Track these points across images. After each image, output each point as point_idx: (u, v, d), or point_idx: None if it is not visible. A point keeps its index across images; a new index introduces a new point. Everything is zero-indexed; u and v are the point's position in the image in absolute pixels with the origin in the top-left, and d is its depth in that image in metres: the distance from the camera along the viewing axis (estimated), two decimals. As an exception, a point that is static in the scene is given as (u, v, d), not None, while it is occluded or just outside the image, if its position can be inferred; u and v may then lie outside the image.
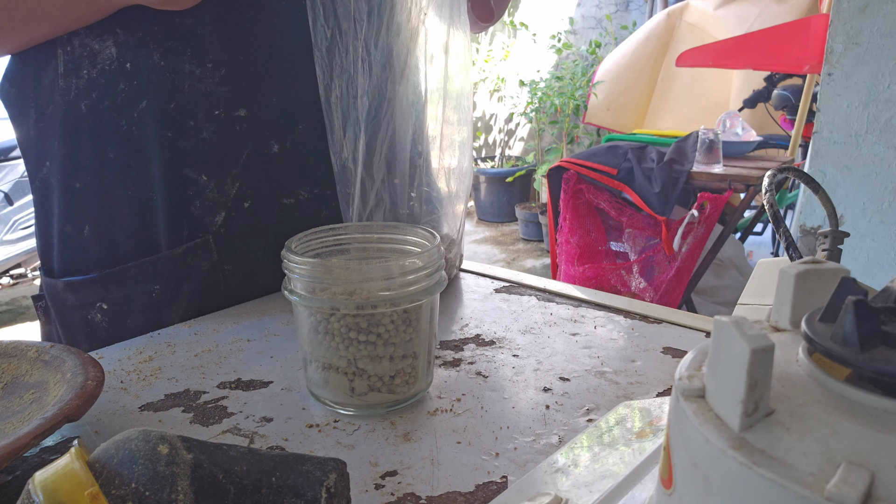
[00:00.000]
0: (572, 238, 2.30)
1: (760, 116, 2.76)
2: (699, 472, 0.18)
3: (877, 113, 1.23)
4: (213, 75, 0.59)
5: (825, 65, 1.27)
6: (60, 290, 0.64)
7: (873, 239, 1.28)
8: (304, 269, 0.41)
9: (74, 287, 0.63)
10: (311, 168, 0.65)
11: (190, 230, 0.62)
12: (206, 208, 0.62)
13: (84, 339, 0.64)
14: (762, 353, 0.17)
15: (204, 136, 0.60)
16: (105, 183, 0.61)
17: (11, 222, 3.20)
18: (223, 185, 0.62)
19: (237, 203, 0.62)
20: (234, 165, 0.61)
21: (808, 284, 0.22)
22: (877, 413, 0.17)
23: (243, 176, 0.62)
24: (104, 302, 0.63)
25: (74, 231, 0.63)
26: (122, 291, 0.62)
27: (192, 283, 0.63)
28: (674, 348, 0.51)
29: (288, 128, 0.63)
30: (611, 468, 0.32)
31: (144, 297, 0.62)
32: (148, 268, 0.62)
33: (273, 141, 0.62)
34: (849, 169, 1.28)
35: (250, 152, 0.62)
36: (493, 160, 4.69)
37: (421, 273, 0.41)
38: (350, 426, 0.42)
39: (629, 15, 4.30)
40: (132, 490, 0.23)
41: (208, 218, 0.62)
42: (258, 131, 0.62)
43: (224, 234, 0.63)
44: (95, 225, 0.62)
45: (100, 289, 0.62)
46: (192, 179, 0.60)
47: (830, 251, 0.36)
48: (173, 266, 0.62)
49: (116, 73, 0.58)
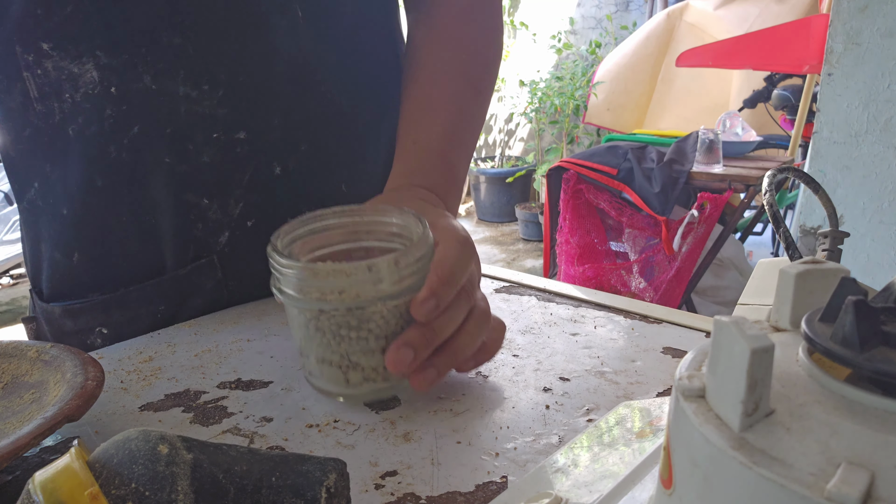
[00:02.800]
0: (572, 238, 2.30)
1: (760, 116, 2.76)
2: (699, 472, 0.18)
3: (877, 113, 1.23)
4: (210, 97, 0.57)
5: (825, 65, 1.27)
6: (58, 315, 0.62)
7: (873, 239, 1.28)
8: (291, 272, 0.41)
9: (73, 313, 0.61)
10: (314, 188, 0.64)
11: (195, 251, 0.61)
12: (209, 230, 0.61)
13: None
14: (762, 353, 0.17)
15: (204, 159, 0.58)
16: (92, 211, 0.58)
17: (11, 222, 3.19)
18: (226, 206, 0.60)
19: (240, 222, 0.61)
20: (236, 187, 0.60)
21: (808, 284, 0.22)
22: (877, 413, 0.17)
23: (246, 196, 0.61)
24: (104, 326, 0.61)
25: (63, 258, 0.61)
26: (125, 314, 0.61)
27: (197, 301, 0.62)
28: (674, 348, 0.51)
29: (290, 149, 0.61)
30: (611, 468, 0.32)
31: (148, 318, 0.61)
32: (152, 290, 0.61)
33: (275, 163, 0.61)
34: (848, 169, 1.28)
35: (252, 175, 0.60)
36: (493, 160, 4.69)
37: (410, 269, 0.41)
38: (350, 426, 0.42)
39: (629, 15, 4.30)
40: (132, 490, 0.23)
41: (212, 239, 0.61)
42: (259, 153, 0.60)
43: (229, 252, 0.62)
44: (86, 252, 0.60)
45: (100, 313, 0.61)
46: (194, 203, 0.59)
47: (830, 251, 0.36)
48: (178, 286, 0.61)
49: (101, 98, 0.55)
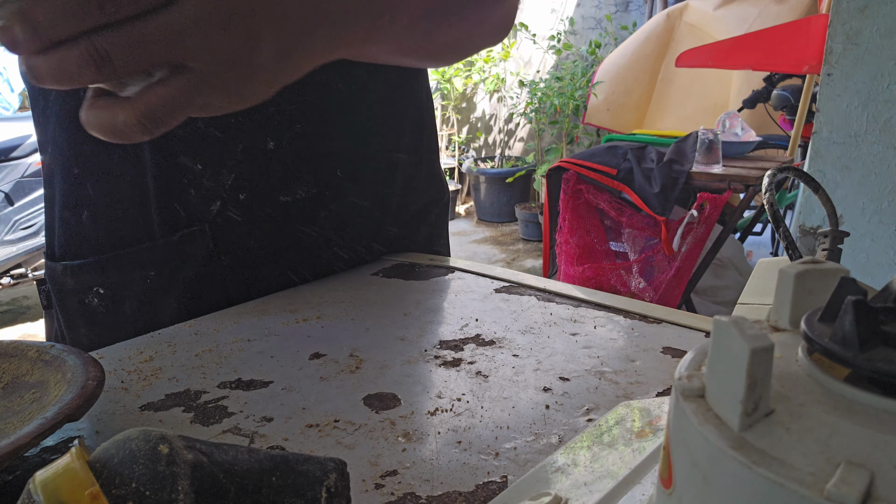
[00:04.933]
0: (572, 238, 2.30)
1: (760, 117, 2.76)
2: (699, 472, 0.18)
3: (876, 113, 1.23)
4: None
5: (825, 65, 1.27)
6: (59, 273, 0.65)
7: (873, 239, 1.28)
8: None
9: (73, 271, 0.64)
10: (308, 169, 0.65)
11: (187, 218, 0.62)
12: (202, 197, 0.62)
13: (82, 323, 0.65)
14: (762, 353, 0.17)
15: (199, 125, 0.60)
16: (104, 168, 0.61)
17: (12, 222, 3.19)
18: (219, 174, 0.62)
19: (233, 194, 0.62)
20: (229, 157, 0.61)
21: (808, 284, 0.22)
22: (876, 413, 0.17)
23: (238, 168, 0.62)
24: (101, 287, 0.63)
25: (73, 216, 0.63)
26: (119, 277, 0.63)
27: (188, 271, 0.63)
28: (673, 348, 0.52)
29: (285, 126, 0.63)
30: (610, 468, 0.32)
31: (140, 282, 0.63)
32: (144, 254, 0.62)
33: (269, 138, 0.62)
34: (848, 169, 1.28)
35: (245, 146, 0.62)
36: (493, 160, 4.69)
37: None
38: (350, 426, 0.42)
39: (629, 15, 4.30)
40: (132, 490, 0.23)
41: (204, 206, 0.62)
42: (254, 126, 0.62)
43: (221, 223, 0.63)
44: (93, 210, 0.63)
45: (97, 273, 0.63)
46: (188, 167, 0.61)
47: (830, 251, 0.36)
48: (169, 253, 0.62)
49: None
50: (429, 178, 0.78)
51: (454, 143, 4.84)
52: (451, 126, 4.84)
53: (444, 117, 4.82)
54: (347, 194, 0.67)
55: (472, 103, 4.92)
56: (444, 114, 4.80)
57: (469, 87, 4.79)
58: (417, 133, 0.74)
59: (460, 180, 4.90)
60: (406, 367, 0.50)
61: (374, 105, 0.68)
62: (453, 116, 4.82)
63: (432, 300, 0.64)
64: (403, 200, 0.74)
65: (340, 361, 0.51)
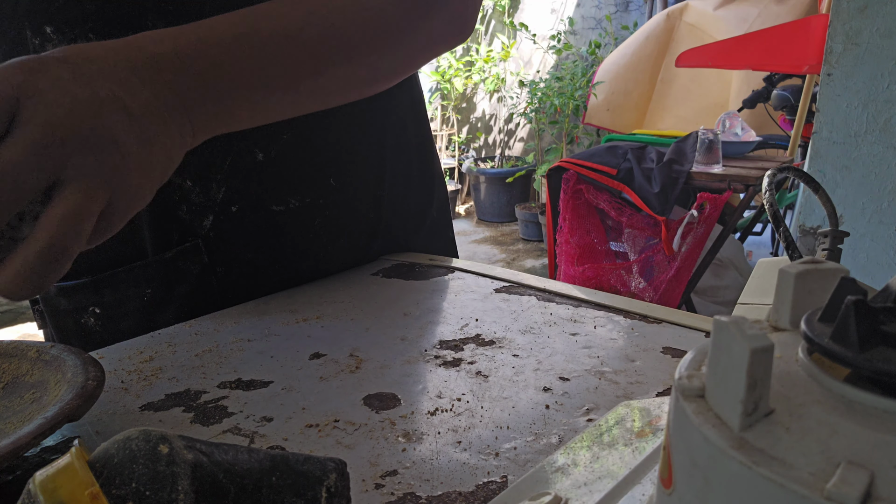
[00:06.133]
0: (572, 238, 2.30)
1: (760, 117, 2.76)
2: (699, 472, 0.18)
3: (876, 113, 1.23)
4: None
5: (824, 65, 1.27)
6: (53, 294, 0.64)
7: (873, 239, 1.28)
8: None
9: (66, 292, 0.63)
10: (298, 178, 0.64)
11: (179, 234, 0.61)
12: (193, 212, 0.61)
13: (78, 343, 0.64)
14: (762, 353, 0.17)
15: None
16: None
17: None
18: (209, 189, 0.61)
19: (224, 207, 0.62)
20: (217, 171, 0.61)
21: (808, 284, 0.22)
22: (876, 413, 0.17)
23: (228, 181, 0.61)
24: (97, 306, 0.63)
25: None
26: (115, 295, 0.62)
27: (184, 286, 0.63)
28: (673, 348, 0.52)
29: (272, 137, 0.62)
30: (610, 468, 0.32)
31: (136, 300, 0.62)
32: (139, 272, 0.62)
33: (257, 149, 0.62)
34: (848, 169, 1.28)
35: (233, 159, 0.61)
36: (493, 160, 4.69)
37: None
38: (350, 426, 0.42)
39: (629, 15, 4.30)
40: (133, 490, 0.23)
41: (196, 222, 0.61)
42: (241, 139, 0.61)
43: (214, 237, 0.62)
44: None
45: (91, 293, 0.62)
46: (178, 184, 0.60)
47: (830, 251, 0.36)
48: (164, 270, 0.62)
49: None
50: (423, 176, 0.77)
51: (454, 143, 4.84)
52: (451, 126, 4.84)
53: (444, 117, 4.82)
54: (341, 199, 0.67)
55: (472, 103, 4.92)
56: (444, 114, 4.80)
57: (469, 88, 4.79)
58: (407, 131, 0.74)
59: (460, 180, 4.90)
60: (406, 366, 0.50)
61: (361, 107, 0.67)
62: (453, 116, 4.82)
63: (432, 300, 0.64)
64: (399, 200, 0.74)
65: (340, 361, 0.51)
